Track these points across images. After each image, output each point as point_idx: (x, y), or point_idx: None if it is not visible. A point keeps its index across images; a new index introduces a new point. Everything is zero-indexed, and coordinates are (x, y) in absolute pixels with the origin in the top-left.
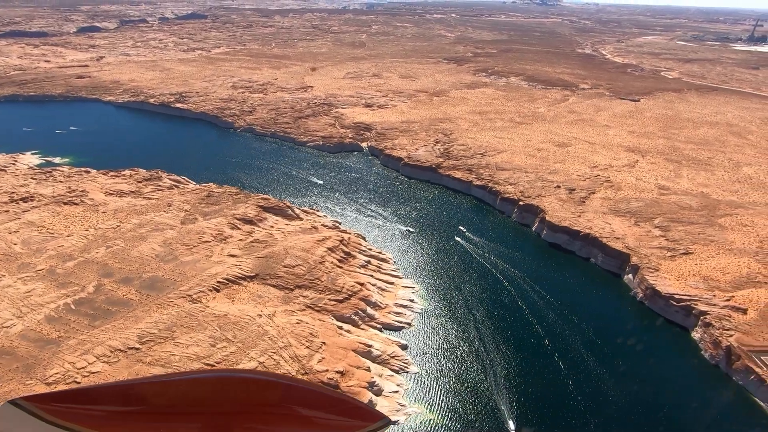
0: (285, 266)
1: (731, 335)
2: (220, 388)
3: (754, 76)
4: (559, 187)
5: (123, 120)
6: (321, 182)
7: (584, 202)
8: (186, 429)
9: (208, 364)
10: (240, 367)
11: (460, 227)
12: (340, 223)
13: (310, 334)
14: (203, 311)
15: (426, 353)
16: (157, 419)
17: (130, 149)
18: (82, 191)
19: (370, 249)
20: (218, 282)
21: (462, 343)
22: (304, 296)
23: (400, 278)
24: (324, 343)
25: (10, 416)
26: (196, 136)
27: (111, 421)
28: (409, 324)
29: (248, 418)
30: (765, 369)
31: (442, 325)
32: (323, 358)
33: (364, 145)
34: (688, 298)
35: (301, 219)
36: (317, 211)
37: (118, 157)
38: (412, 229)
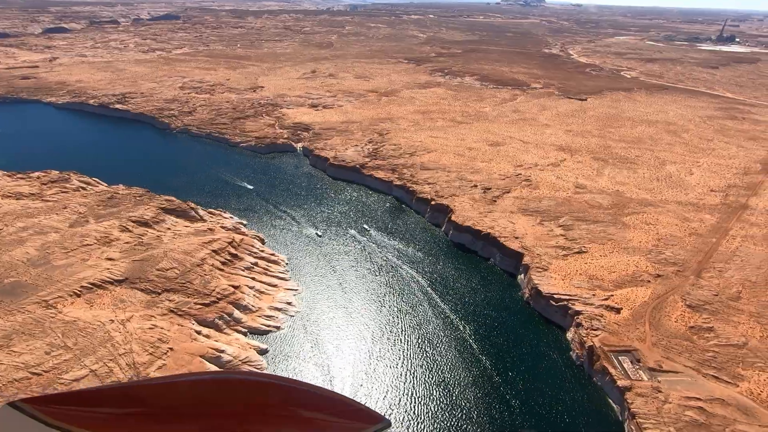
0: (158, 269)
1: (597, 335)
2: (220, 390)
3: (711, 75)
4: (475, 186)
5: (58, 121)
6: (242, 183)
7: (495, 201)
8: (186, 431)
9: (34, 373)
10: (68, 375)
11: (365, 227)
12: (244, 224)
13: (159, 339)
14: (53, 317)
15: (286, 358)
16: (158, 421)
17: (55, 151)
18: None
19: (263, 251)
20: (82, 287)
21: (328, 348)
22: (170, 300)
23: (286, 280)
24: (171, 349)
25: (9, 418)
26: (129, 138)
27: (111, 423)
28: (278, 328)
29: (249, 419)
30: (619, 369)
31: (313, 328)
32: (164, 365)
33: (298, 145)
34: (567, 297)
35: (204, 220)
36: (224, 212)
37: (38, 158)
38: (319, 231)
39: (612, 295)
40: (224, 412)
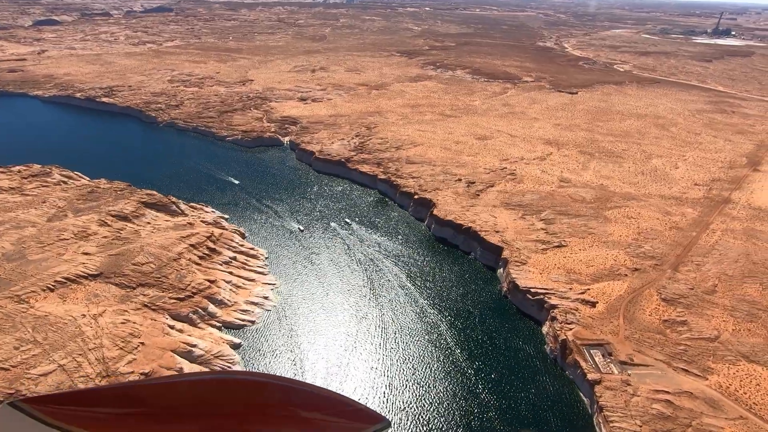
0: (134, 264)
1: (571, 329)
2: (220, 390)
3: (704, 68)
4: (460, 180)
5: (44, 115)
6: (226, 177)
7: (479, 195)
8: (186, 431)
9: (1, 368)
10: (36, 370)
11: (348, 221)
12: (226, 219)
13: (130, 334)
14: (24, 312)
15: (259, 353)
16: (158, 421)
17: (39, 144)
18: None
19: (243, 245)
20: (56, 281)
21: (302, 342)
22: (144, 295)
23: (264, 275)
24: (143, 343)
25: (9, 418)
26: (115, 131)
27: (111, 423)
28: (253, 322)
29: (248, 419)
30: (590, 363)
31: (288, 323)
32: (134, 359)
33: (285, 139)
34: (544, 291)
35: (185, 215)
36: (205, 206)
37: (21, 152)
38: (301, 226)
39: (588, 289)
40: (224, 412)
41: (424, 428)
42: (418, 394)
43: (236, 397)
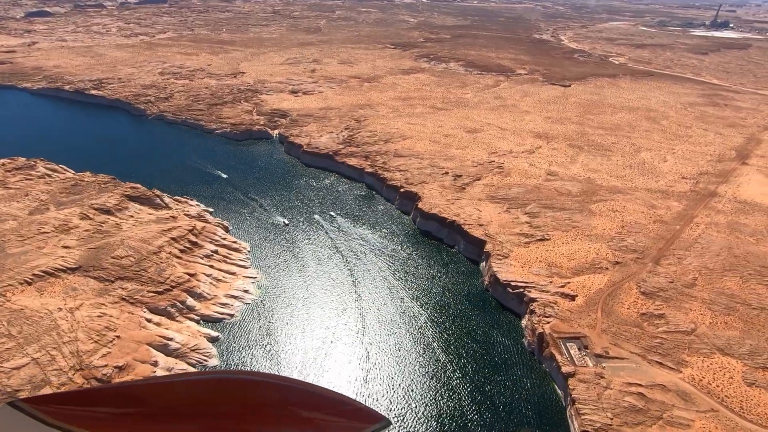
0: (113, 257)
1: (548, 322)
2: (219, 390)
3: (700, 61)
4: (447, 173)
5: (32, 107)
6: (213, 170)
7: (465, 188)
8: (185, 430)
9: None
10: (9, 363)
11: (332, 214)
12: (210, 212)
13: (106, 327)
14: (0, 306)
15: (237, 346)
16: (156, 421)
17: (25, 137)
18: None
19: (225, 239)
20: (34, 275)
21: (279, 335)
22: (123, 288)
23: (246, 268)
24: (118, 336)
25: (9, 418)
26: (103, 124)
27: (110, 422)
28: (232, 315)
29: (248, 419)
30: (565, 356)
31: (267, 316)
32: (109, 352)
33: (274, 132)
34: (524, 285)
35: (169, 208)
36: (190, 199)
37: (7, 145)
38: (286, 219)
39: (569, 282)
40: (222, 411)
41: (400, 420)
42: (395, 387)
43: (234, 397)
